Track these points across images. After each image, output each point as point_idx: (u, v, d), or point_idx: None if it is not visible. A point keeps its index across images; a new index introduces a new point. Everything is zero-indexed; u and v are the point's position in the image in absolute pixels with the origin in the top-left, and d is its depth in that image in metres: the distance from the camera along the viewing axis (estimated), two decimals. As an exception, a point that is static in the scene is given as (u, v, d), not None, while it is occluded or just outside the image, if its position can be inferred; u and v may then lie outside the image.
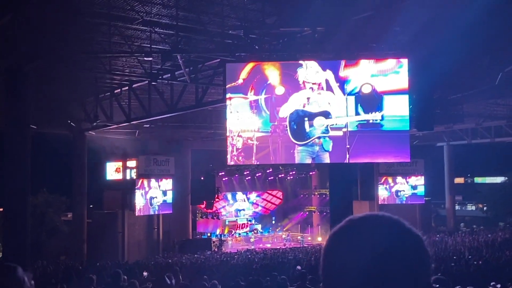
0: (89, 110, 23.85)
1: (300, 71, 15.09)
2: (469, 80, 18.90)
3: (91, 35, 16.25)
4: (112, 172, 29.99)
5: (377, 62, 15.06)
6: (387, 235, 1.13)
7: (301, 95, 15.27)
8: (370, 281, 1.07)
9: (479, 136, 32.47)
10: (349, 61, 15.10)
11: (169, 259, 24.03)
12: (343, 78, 15.19)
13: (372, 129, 15.04)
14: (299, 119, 15.24)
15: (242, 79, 15.15)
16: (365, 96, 15.16)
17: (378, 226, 1.15)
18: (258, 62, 15.28)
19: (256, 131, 15.31)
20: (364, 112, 15.11)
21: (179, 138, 31.75)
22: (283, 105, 15.20)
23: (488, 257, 16.98)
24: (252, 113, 15.33)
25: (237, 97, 15.30)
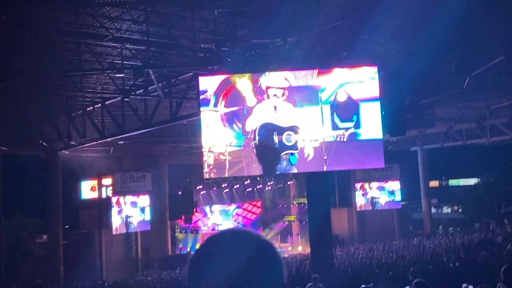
0: (61, 129, 23.53)
1: (263, 78, 15.02)
2: (438, 85, 19.29)
3: (61, 54, 16.11)
4: (87, 191, 29.61)
5: (352, 68, 15.06)
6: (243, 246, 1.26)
7: (266, 105, 14.95)
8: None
9: (451, 139, 33.02)
10: (322, 69, 15.08)
11: (148, 276, 23.76)
12: (316, 87, 15.09)
13: (349, 139, 14.95)
14: (268, 133, 14.94)
15: (212, 91, 14.94)
16: (341, 104, 15.06)
17: (234, 238, 1.29)
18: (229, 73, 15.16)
19: (228, 145, 14.89)
20: (341, 120, 15.00)
21: (155, 154, 31.55)
22: (248, 118, 14.94)
23: (465, 258, 17.22)
24: (224, 126, 14.88)
25: (207, 110, 15.06)
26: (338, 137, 14.90)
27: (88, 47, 15.64)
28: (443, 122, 28.36)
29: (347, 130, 14.97)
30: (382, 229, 32.65)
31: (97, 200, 28.96)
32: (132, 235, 29.98)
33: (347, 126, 14.99)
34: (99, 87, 19.85)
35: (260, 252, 1.25)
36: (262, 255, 1.24)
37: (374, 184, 33.60)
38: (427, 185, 38.15)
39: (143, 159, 31.33)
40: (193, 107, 20.14)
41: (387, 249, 24.45)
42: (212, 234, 1.31)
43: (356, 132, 15.00)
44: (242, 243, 1.25)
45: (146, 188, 29.89)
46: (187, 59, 16.36)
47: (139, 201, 29.29)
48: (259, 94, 14.95)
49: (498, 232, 28.20)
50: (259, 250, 1.25)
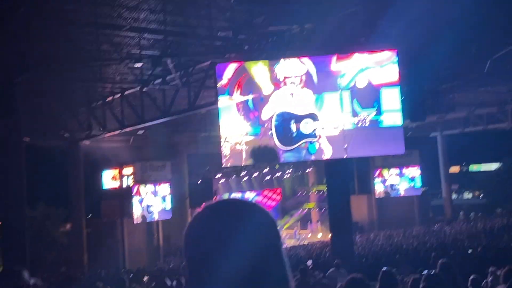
0: (82, 119, 23.81)
1: (278, 67, 14.66)
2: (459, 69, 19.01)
3: (80, 45, 16.25)
4: (108, 180, 29.94)
5: (372, 53, 14.68)
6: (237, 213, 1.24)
7: (283, 92, 14.60)
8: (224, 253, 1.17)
9: (472, 124, 32.61)
10: (342, 54, 14.74)
11: (170, 264, 24.03)
12: (335, 73, 14.75)
13: (370, 126, 14.56)
14: (285, 123, 14.56)
15: (227, 78, 14.66)
16: (361, 90, 14.60)
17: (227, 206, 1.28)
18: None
19: (244, 135, 14.58)
20: (361, 107, 14.60)
21: (174, 143, 31.72)
22: (265, 106, 14.63)
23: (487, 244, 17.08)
24: (239, 115, 14.59)
25: (223, 98, 14.84)
26: (358, 123, 14.57)
27: (106, 38, 15.75)
28: (463, 107, 28.00)
29: (367, 117, 14.63)
30: (402, 216, 32.48)
31: (118, 189, 29.28)
32: (154, 224, 30.29)
33: (368, 112, 14.63)
34: (118, 77, 19.99)
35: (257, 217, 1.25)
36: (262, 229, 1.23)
37: (393, 171, 33.31)
38: (447, 171, 37.80)
39: (163, 148, 31.51)
40: (211, 96, 20.17)
41: (408, 235, 24.36)
42: (206, 205, 1.30)
43: (378, 119, 14.63)
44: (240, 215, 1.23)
45: (166, 177, 30.09)
46: (204, 48, 16.41)
47: (159, 190, 29.50)
48: (276, 82, 14.72)
49: (520, 217, 27.86)
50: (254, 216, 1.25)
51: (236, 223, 1.20)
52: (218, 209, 1.27)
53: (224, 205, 1.28)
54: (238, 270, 1.15)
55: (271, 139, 14.64)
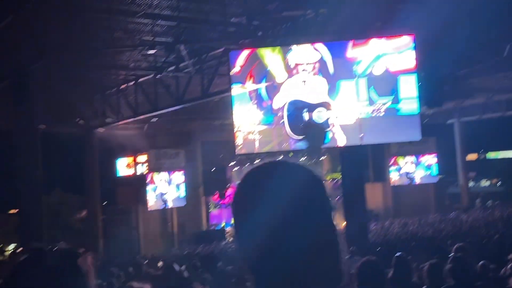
0: (96, 107, 23.88)
1: (290, 54, 14.37)
2: (477, 54, 18.67)
3: (94, 31, 16.21)
4: (123, 167, 30.10)
5: (389, 39, 14.34)
6: (293, 182, 1.20)
7: (295, 80, 14.26)
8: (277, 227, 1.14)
9: (490, 111, 32.11)
10: (358, 40, 14.41)
11: (184, 251, 24.13)
12: (351, 59, 14.42)
13: (386, 114, 14.25)
14: (297, 111, 14.23)
15: (239, 66, 14.41)
16: (378, 77, 14.22)
17: (285, 172, 1.22)
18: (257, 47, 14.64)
19: (257, 124, 14.31)
20: (378, 95, 14.27)
21: (188, 131, 31.74)
22: (276, 95, 14.40)
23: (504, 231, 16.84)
24: (252, 104, 14.31)
25: (236, 87, 14.62)
26: (373, 112, 14.27)
27: (119, 24, 15.68)
28: (481, 93, 27.55)
29: (383, 106, 14.31)
30: (418, 204, 32.22)
31: (133, 176, 29.44)
32: (168, 211, 30.46)
33: (385, 101, 14.30)
34: (132, 64, 19.97)
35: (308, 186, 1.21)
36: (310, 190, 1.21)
37: (408, 159, 32.95)
38: (464, 158, 37.35)
39: (177, 136, 31.59)
40: (225, 83, 20.04)
41: (423, 223, 24.15)
42: (253, 167, 1.28)
43: (395, 107, 14.31)
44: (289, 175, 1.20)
45: (180, 165, 30.17)
46: (218, 34, 16.28)
47: (173, 178, 29.60)
48: (289, 69, 14.46)
49: (539, 205, 27.46)
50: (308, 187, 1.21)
51: (278, 180, 1.18)
52: (261, 168, 1.26)
53: (268, 165, 1.26)
54: (280, 222, 1.13)
55: (283, 128, 14.42)
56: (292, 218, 1.13)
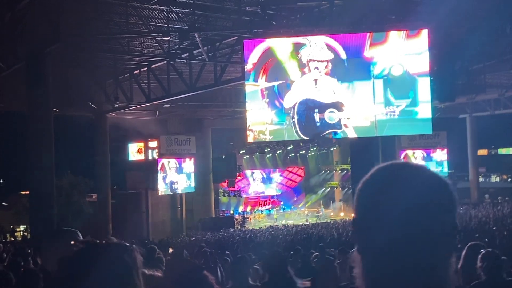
0: (109, 92, 24.01)
1: (304, 50, 14.05)
2: (491, 49, 18.53)
3: (109, 17, 16.29)
4: (134, 152, 30.31)
5: (409, 38, 13.89)
6: (423, 185, 1.14)
7: (307, 79, 13.89)
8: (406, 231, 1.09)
9: (502, 107, 31.91)
10: (375, 39, 13.88)
11: (193, 237, 24.33)
12: (368, 59, 13.97)
13: (401, 117, 13.89)
14: (308, 111, 13.89)
15: (251, 63, 14.01)
16: (396, 78, 13.85)
17: (414, 175, 1.16)
18: (271, 39, 14.29)
19: (268, 123, 13.98)
20: (395, 97, 13.80)
21: (199, 118, 31.85)
22: (286, 94, 13.96)
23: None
24: (264, 102, 13.98)
25: (247, 84, 14.29)
26: (389, 114, 13.98)
27: (135, 10, 15.74)
28: (494, 88, 27.38)
29: (397, 108, 13.95)
30: (427, 198, 32.06)
31: (143, 161, 29.63)
32: (177, 197, 30.66)
33: (402, 103, 13.88)
34: (146, 50, 20.05)
35: (441, 193, 1.16)
36: (440, 195, 1.15)
37: (418, 153, 32.88)
38: (475, 153, 37.18)
39: (188, 122, 31.71)
40: (237, 71, 20.12)
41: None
42: (378, 167, 1.21)
43: (412, 110, 13.98)
44: (418, 179, 1.15)
45: (190, 151, 30.36)
46: (232, 23, 16.28)
47: (184, 166, 29.85)
48: (301, 67, 14.16)
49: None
50: (437, 190, 1.16)
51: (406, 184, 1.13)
52: (387, 170, 1.20)
53: (393, 168, 1.20)
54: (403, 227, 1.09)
55: (293, 128, 14.15)
56: (420, 224, 1.09)
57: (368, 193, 1.17)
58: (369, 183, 1.19)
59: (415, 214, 1.09)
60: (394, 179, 1.15)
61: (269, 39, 14.58)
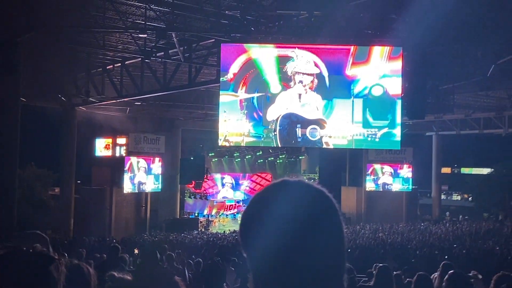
0: (80, 85, 23.67)
1: (290, 63, 13.99)
2: (462, 70, 19.00)
3: (85, 9, 16.08)
4: (101, 148, 29.90)
5: (390, 60, 13.94)
6: (303, 199, 1.18)
7: (291, 93, 13.87)
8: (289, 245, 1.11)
9: (468, 127, 32.70)
10: (358, 58, 13.89)
11: (156, 237, 24.12)
12: (350, 78, 13.97)
13: (381, 139, 14.00)
14: (290, 125, 13.85)
15: (232, 73, 13.89)
16: (376, 99, 13.89)
17: (294, 190, 1.20)
18: (255, 50, 14.24)
19: (245, 135, 13.92)
20: (373, 118, 13.83)
21: (170, 117, 31.67)
22: (270, 107, 13.91)
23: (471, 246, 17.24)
24: (242, 113, 13.89)
25: (226, 94, 14.16)
26: (369, 136, 13.91)
27: (112, 5, 15.59)
28: (461, 109, 28.06)
29: (380, 130, 13.84)
30: (390, 211, 32.66)
31: (110, 158, 29.28)
32: (143, 196, 30.37)
33: (381, 124, 13.88)
34: (121, 46, 19.86)
35: (318, 208, 1.18)
36: (320, 212, 1.17)
37: (387, 169, 33.44)
38: (439, 171, 37.98)
39: (158, 121, 31.47)
40: (212, 74, 20.10)
41: (393, 231, 24.53)
42: (263, 188, 1.24)
43: (391, 132, 14.06)
44: (296, 196, 1.17)
45: (159, 151, 30.17)
46: (210, 25, 16.27)
47: (153, 167, 29.67)
48: (285, 81, 14.02)
49: (506, 223, 28.12)
50: (316, 206, 1.18)
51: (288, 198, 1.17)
52: (274, 186, 1.23)
53: (280, 183, 1.23)
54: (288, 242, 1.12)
55: (273, 141, 14.14)
56: (300, 238, 1.11)
57: (252, 208, 1.21)
58: (255, 198, 1.23)
59: (293, 230, 1.12)
60: (276, 193, 1.19)
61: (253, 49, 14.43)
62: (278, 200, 1.18)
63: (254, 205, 1.21)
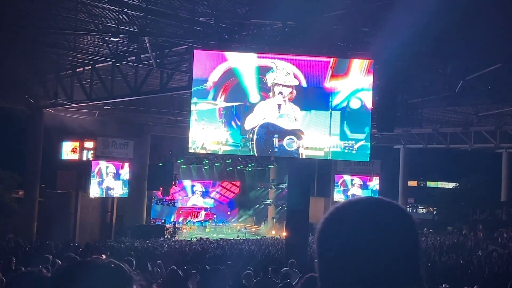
0: (48, 87, 23.22)
1: (270, 74, 14.01)
2: (431, 85, 19.35)
3: (57, 10, 15.79)
4: (68, 151, 29.32)
5: (369, 74, 14.02)
6: (384, 218, 1.15)
7: (270, 103, 13.95)
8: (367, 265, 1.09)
9: (435, 141, 33.29)
10: (337, 71, 13.96)
11: (121, 243, 23.74)
12: (328, 90, 14.04)
13: (358, 152, 14.02)
14: (268, 135, 13.90)
15: (212, 81, 13.90)
16: (353, 112, 13.96)
17: (375, 208, 1.17)
18: (234, 59, 14.14)
19: (223, 144, 13.86)
20: (351, 131, 13.93)
21: (139, 122, 31.34)
22: (248, 116, 13.93)
23: (436, 260, 17.48)
24: (220, 122, 13.86)
25: (204, 102, 14.07)
26: (346, 148, 13.90)
27: (85, 7, 15.35)
28: (429, 123, 28.55)
29: (357, 142, 13.88)
30: (357, 222, 32.90)
31: (77, 162, 28.75)
32: (109, 201, 29.91)
33: (358, 137, 13.93)
34: (92, 49, 19.57)
35: (404, 228, 1.15)
36: (405, 232, 1.15)
37: (357, 181, 33.78)
38: (406, 183, 38.53)
39: (127, 126, 31.09)
40: (184, 80, 19.97)
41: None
42: (343, 202, 1.22)
43: (367, 145, 14.03)
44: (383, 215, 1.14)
45: (127, 156, 29.79)
46: (183, 31, 16.17)
47: (122, 172, 29.29)
48: (264, 91, 13.97)
49: (470, 237, 28.66)
50: (403, 226, 1.15)
51: (375, 224, 1.13)
52: (358, 207, 1.20)
53: (364, 204, 1.20)
54: (370, 272, 1.08)
55: (250, 150, 14.15)
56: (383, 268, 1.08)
57: (329, 227, 1.18)
58: (331, 216, 1.20)
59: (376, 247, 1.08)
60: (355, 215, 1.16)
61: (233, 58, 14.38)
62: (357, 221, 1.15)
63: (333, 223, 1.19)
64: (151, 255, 17.40)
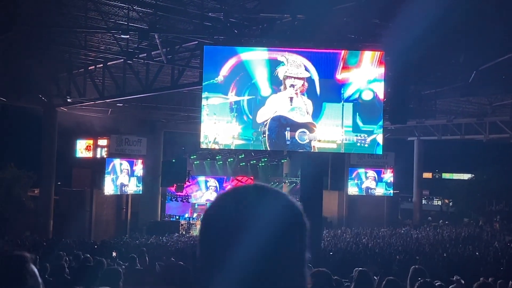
0: (61, 85, 23.37)
1: (281, 68, 13.92)
2: (444, 76, 19.14)
3: (67, 9, 15.87)
4: (82, 149, 29.54)
5: (381, 65, 13.96)
6: (265, 207, 1.11)
7: (282, 96, 13.86)
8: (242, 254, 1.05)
9: (450, 133, 32.98)
10: (348, 63, 13.86)
11: (136, 240, 23.89)
12: (340, 82, 13.94)
13: (371, 144, 13.92)
14: (279, 128, 13.80)
15: (222, 76, 13.80)
16: (365, 103, 13.83)
17: (257, 196, 1.13)
18: (244, 53, 14.12)
19: (235, 137, 13.83)
20: (363, 122, 13.81)
21: (152, 119, 31.45)
22: (260, 109, 13.85)
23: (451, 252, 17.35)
24: (232, 116, 13.80)
25: (216, 97, 13.97)
26: (359, 141, 13.86)
27: (95, 5, 15.42)
28: (443, 114, 28.31)
29: (369, 135, 13.80)
30: (371, 215, 32.82)
31: (91, 159, 28.95)
32: (123, 198, 30.09)
33: (370, 129, 13.83)
34: (103, 47, 19.65)
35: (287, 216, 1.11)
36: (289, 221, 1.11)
37: (371, 174, 33.62)
38: (420, 176, 38.24)
39: (140, 123, 31.21)
40: (195, 76, 19.99)
41: (375, 235, 24.62)
42: (228, 189, 1.18)
43: (380, 137, 13.94)
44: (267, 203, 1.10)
45: (141, 153, 29.92)
46: (193, 27, 16.17)
47: (136, 169, 29.43)
48: (275, 85, 13.92)
49: (486, 228, 28.40)
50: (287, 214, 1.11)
51: (254, 208, 1.10)
52: (237, 192, 1.16)
53: (244, 189, 1.17)
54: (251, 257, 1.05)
55: (262, 144, 14.13)
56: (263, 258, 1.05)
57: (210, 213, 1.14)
58: (215, 204, 1.15)
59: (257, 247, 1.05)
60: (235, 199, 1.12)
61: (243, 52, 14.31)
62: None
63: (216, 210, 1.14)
64: (164, 251, 17.48)
